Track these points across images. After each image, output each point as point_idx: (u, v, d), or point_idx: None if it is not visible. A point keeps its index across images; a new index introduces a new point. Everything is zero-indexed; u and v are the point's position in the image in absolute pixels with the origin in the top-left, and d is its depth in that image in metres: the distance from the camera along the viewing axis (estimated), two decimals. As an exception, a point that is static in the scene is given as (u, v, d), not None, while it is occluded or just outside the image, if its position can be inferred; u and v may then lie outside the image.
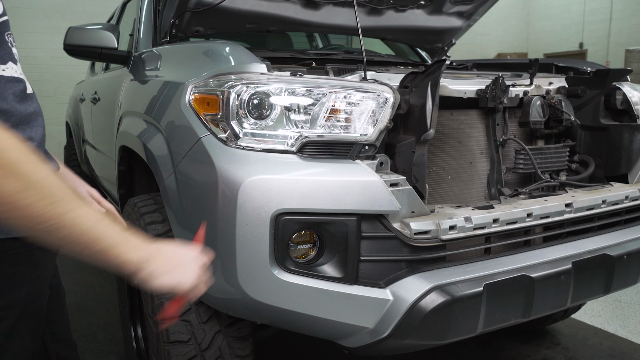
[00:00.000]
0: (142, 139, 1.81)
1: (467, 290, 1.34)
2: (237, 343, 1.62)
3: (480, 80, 1.80)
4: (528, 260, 1.50)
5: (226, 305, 1.45)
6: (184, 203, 1.49)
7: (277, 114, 1.37)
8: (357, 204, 1.30)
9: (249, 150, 1.34)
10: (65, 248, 0.74)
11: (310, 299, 1.31)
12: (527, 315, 1.47)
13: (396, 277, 1.34)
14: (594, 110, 1.98)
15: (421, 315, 1.29)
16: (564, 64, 2.22)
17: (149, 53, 2.24)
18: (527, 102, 1.84)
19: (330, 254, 1.33)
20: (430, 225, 1.37)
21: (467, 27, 2.92)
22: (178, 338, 1.54)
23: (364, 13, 2.65)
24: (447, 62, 1.49)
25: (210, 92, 1.42)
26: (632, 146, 1.95)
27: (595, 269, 1.59)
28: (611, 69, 1.98)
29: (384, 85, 1.45)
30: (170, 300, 0.93)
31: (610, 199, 1.73)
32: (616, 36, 10.89)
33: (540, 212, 1.56)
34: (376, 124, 1.41)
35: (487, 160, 1.86)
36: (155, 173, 1.67)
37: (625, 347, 2.63)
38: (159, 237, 1.66)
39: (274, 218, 1.27)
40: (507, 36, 12.20)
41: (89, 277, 3.70)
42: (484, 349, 2.58)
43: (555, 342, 2.67)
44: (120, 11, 3.57)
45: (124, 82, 2.36)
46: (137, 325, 2.08)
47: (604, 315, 3.02)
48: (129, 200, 1.94)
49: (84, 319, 2.98)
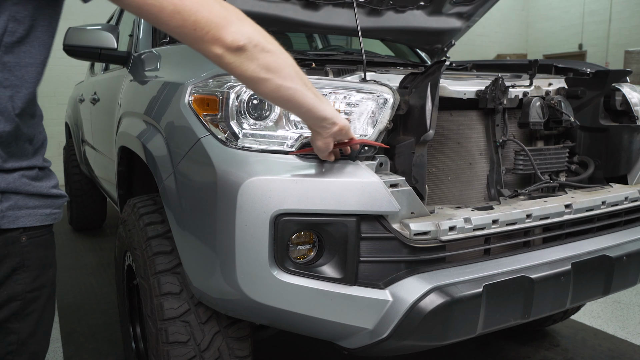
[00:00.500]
0: (141, 139, 1.81)
1: (467, 291, 1.34)
2: (236, 344, 1.61)
3: (479, 81, 1.80)
4: (527, 261, 1.50)
5: (225, 306, 1.45)
6: (184, 203, 1.49)
7: (277, 115, 1.37)
8: (357, 204, 1.29)
9: (248, 150, 1.34)
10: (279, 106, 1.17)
11: (309, 300, 1.31)
12: (526, 316, 1.47)
13: (396, 278, 1.34)
14: (593, 111, 1.98)
15: (421, 316, 1.29)
16: (564, 65, 2.22)
17: (148, 53, 2.24)
18: (527, 103, 1.84)
19: (329, 255, 1.32)
20: (430, 226, 1.37)
21: (466, 28, 2.92)
22: (177, 339, 1.53)
23: (364, 14, 2.65)
24: (447, 62, 1.49)
25: (210, 92, 1.42)
26: (632, 147, 1.95)
27: (594, 270, 1.59)
28: (611, 70, 1.98)
29: (384, 86, 1.45)
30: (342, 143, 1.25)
31: (609, 200, 1.73)
32: (615, 37, 10.90)
33: (540, 213, 1.56)
34: (376, 124, 1.41)
35: (487, 161, 1.86)
36: (155, 173, 1.67)
37: (625, 349, 2.63)
38: (158, 238, 1.66)
39: (274, 219, 1.27)
40: (507, 37, 12.21)
41: (88, 277, 3.69)
42: (484, 350, 2.58)
43: (554, 343, 2.67)
44: (119, 12, 3.57)
45: (123, 83, 2.36)
46: (137, 325, 2.08)
47: (604, 316, 3.02)
48: (129, 200, 1.94)
49: (83, 319, 2.98)
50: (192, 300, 1.56)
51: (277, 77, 0.99)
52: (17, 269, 0.90)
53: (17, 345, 0.91)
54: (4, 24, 0.82)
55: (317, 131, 1.18)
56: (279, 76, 1.00)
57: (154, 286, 1.57)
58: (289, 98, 1.04)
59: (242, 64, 0.94)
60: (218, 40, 0.90)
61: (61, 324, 2.94)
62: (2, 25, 0.82)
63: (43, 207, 0.92)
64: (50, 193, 0.93)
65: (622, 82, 2.05)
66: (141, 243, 1.68)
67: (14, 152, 0.88)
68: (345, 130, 1.19)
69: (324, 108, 1.12)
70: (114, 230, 4.79)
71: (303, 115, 1.14)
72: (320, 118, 1.12)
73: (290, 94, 1.03)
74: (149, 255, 1.62)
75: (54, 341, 2.73)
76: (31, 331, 0.93)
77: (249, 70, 0.96)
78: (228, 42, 0.91)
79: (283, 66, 1.01)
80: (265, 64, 0.97)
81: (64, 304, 3.22)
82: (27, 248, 0.91)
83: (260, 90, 1.02)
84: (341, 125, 1.16)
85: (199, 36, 0.89)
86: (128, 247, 1.82)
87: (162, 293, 1.55)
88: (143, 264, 1.64)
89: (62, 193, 0.98)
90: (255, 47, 0.94)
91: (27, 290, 0.91)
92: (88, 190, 4.51)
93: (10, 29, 0.83)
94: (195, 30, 0.89)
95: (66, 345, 2.68)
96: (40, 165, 0.93)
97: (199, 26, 0.88)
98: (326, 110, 1.12)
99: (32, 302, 0.93)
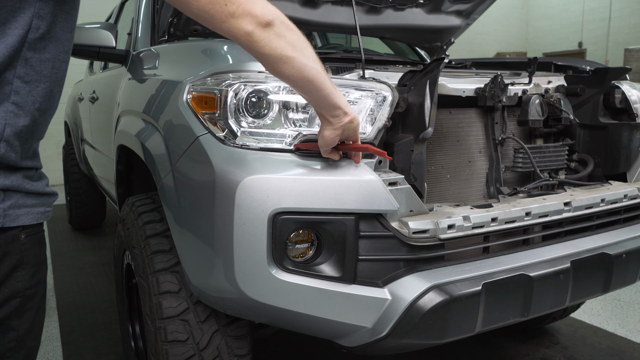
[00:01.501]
0: (140, 138, 1.81)
1: (466, 290, 1.33)
2: (235, 342, 1.61)
3: (479, 79, 1.80)
4: (527, 259, 1.50)
5: (224, 305, 1.45)
6: (182, 202, 1.49)
7: (275, 113, 1.36)
8: (355, 203, 1.29)
9: (246, 149, 1.34)
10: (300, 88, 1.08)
11: (308, 299, 1.31)
12: (525, 314, 1.47)
13: (394, 277, 1.33)
14: (592, 109, 1.98)
15: (419, 315, 1.29)
16: (563, 63, 2.22)
17: (147, 52, 2.24)
18: (526, 101, 1.84)
19: (328, 254, 1.32)
20: (429, 224, 1.37)
21: (466, 26, 2.92)
22: (176, 337, 1.53)
23: (363, 12, 2.64)
24: (446, 60, 1.49)
25: (208, 90, 1.42)
26: (631, 145, 1.94)
27: (594, 268, 1.59)
28: (610, 68, 1.97)
29: (383, 84, 1.45)
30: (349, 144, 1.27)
31: (609, 197, 1.73)
32: (615, 35, 10.89)
33: (539, 211, 1.56)
34: (374, 122, 1.41)
35: (486, 159, 1.86)
36: (153, 172, 1.66)
37: (624, 346, 2.63)
38: (156, 236, 1.66)
39: (272, 217, 1.27)
40: (506, 35, 12.21)
41: (87, 276, 3.69)
42: (483, 348, 2.58)
43: (554, 341, 2.67)
44: (118, 10, 3.56)
45: (122, 81, 2.35)
46: (136, 324, 2.08)
47: (603, 314, 3.02)
48: (127, 199, 1.94)
49: (83, 318, 2.98)
50: (191, 299, 1.56)
51: (302, 55, 1.00)
52: (17, 267, 0.91)
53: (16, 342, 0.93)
54: (28, 20, 0.83)
55: (328, 120, 1.17)
56: (304, 55, 1.00)
57: (153, 285, 1.57)
58: (313, 78, 1.04)
59: (271, 40, 0.95)
60: (250, 13, 0.91)
61: (60, 323, 2.94)
62: (27, 22, 0.83)
63: (39, 206, 0.93)
64: (45, 191, 0.95)
65: (622, 80, 2.05)
66: (140, 242, 1.68)
67: (27, 149, 0.89)
68: (355, 124, 1.20)
69: (339, 96, 1.13)
70: (113, 229, 4.79)
71: (321, 99, 1.12)
72: (335, 105, 1.13)
73: (314, 74, 1.04)
74: (148, 253, 1.62)
75: (53, 340, 2.73)
76: (29, 327, 0.95)
77: (278, 48, 0.96)
78: (259, 15, 0.92)
79: (306, 45, 1.02)
80: (292, 41, 0.98)
81: (63, 303, 3.22)
82: (26, 246, 0.92)
83: (285, 69, 1.02)
84: (352, 117, 1.17)
85: (231, 11, 0.90)
86: (127, 246, 1.82)
87: (160, 292, 1.55)
88: (142, 263, 1.64)
89: (54, 191, 0.99)
90: (282, 24, 0.96)
91: (26, 287, 0.93)
92: (87, 189, 4.51)
93: (34, 26, 0.84)
94: (227, 5, 0.90)
95: (65, 344, 2.68)
96: (38, 166, 0.95)
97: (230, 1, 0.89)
98: (341, 98, 1.14)
99: (30, 298, 0.94)
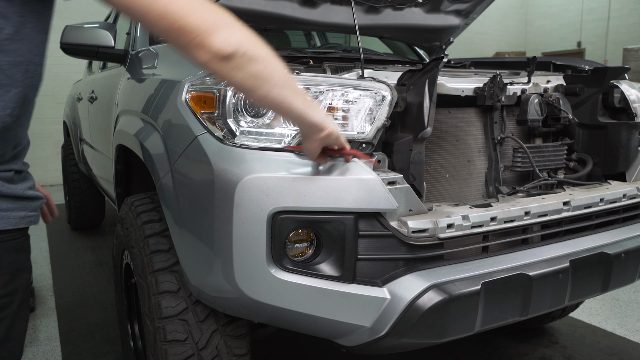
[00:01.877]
0: (138, 137, 1.80)
1: (465, 289, 1.33)
2: (234, 342, 1.61)
3: (478, 79, 1.80)
4: (526, 259, 1.50)
5: (223, 304, 1.45)
6: (181, 202, 1.48)
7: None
8: (355, 202, 1.29)
9: (245, 148, 1.33)
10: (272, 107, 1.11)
11: (307, 298, 1.31)
12: (524, 314, 1.47)
13: (393, 276, 1.33)
14: (591, 109, 1.98)
15: (419, 314, 1.29)
16: (562, 63, 2.22)
17: (145, 51, 2.24)
18: (525, 100, 1.84)
19: (327, 253, 1.32)
20: (428, 223, 1.37)
21: (465, 25, 2.92)
22: (175, 337, 1.53)
23: (362, 11, 2.64)
24: (445, 60, 1.49)
25: (207, 90, 1.42)
26: (630, 144, 1.95)
27: (593, 267, 1.59)
28: (609, 67, 1.97)
29: (382, 83, 1.45)
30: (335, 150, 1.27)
31: (608, 197, 1.73)
32: (614, 35, 10.90)
33: (538, 210, 1.56)
34: (373, 122, 1.41)
35: (485, 159, 1.86)
36: (152, 172, 1.66)
37: (623, 346, 2.63)
38: (155, 236, 1.66)
39: (271, 216, 1.27)
40: (505, 35, 12.21)
41: (86, 276, 3.69)
42: (482, 348, 2.58)
43: (553, 341, 2.67)
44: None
45: (120, 81, 2.35)
46: (135, 324, 2.08)
47: (602, 313, 3.02)
48: (126, 199, 1.93)
49: (82, 318, 2.97)
50: (190, 299, 1.56)
51: (265, 84, 0.99)
52: None
53: None
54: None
55: (306, 135, 1.19)
56: (268, 84, 0.99)
57: (152, 284, 1.57)
58: (278, 105, 1.05)
59: (230, 72, 0.93)
60: (204, 47, 0.88)
61: (59, 322, 2.93)
62: None
63: (17, 210, 0.88)
64: (26, 195, 0.90)
65: (621, 79, 2.05)
66: (139, 241, 1.68)
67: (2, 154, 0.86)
68: (335, 136, 1.20)
69: (313, 114, 1.12)
70: (112, 229, 4.78)
71: (294, 120, 1.19)
72: (309, 123, 1.14)
73: (279, 101, 1.03)
74: (147, 253, 1.62)
75: (52, 340, 2.73)
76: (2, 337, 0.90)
77: (236, 78, 0.95)
78: (215, 49, 0.88)
79: (272, 74, 0.99)
80: (253, 72, 0.95)
81: (62, 302, 3.22)
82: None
83: (248, 96, 1.04)
84: (329, 131, 1.17)
85: (185, 42, 0.88)
86: (126, 246, 1.82)
87: (159, 291, 1.55)
88: (141, 263, 1.64)
89: (38, 194, 0.95)
90: (243, 57, 0.92)
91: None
92: (86, 189, 4.50)
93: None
94: (181, 36, 0.87)
95: (64, 344, 2.67)
96: (17, 169, 0.90)
97: (185, 31, 0.86)
98: (315, 116, 1.13)
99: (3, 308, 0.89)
